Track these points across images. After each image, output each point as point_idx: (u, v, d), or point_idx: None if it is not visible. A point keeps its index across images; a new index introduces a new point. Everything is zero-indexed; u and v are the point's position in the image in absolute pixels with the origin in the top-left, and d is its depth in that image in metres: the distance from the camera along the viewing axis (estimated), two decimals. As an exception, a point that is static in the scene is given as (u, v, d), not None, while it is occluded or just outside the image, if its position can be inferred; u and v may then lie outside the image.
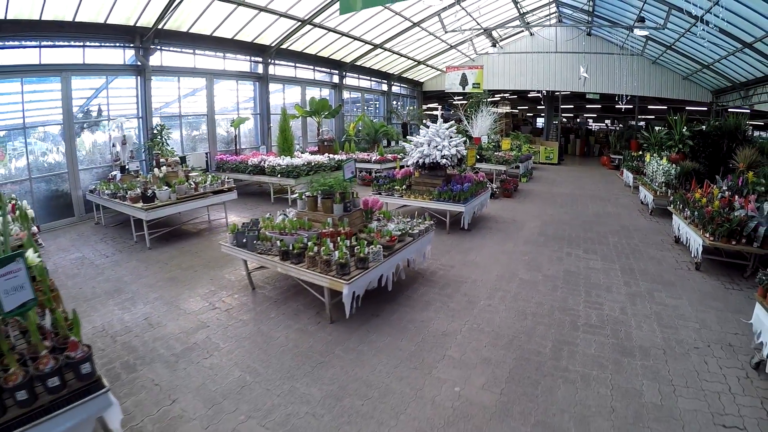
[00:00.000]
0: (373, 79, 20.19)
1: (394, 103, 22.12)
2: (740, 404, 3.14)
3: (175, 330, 4.22)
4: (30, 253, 2.56)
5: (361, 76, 19.21)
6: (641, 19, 12.83)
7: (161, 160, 8.53)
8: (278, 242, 4.24)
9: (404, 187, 8.01)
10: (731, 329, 4.24)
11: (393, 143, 17.42)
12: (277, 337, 3.99)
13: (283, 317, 4.39)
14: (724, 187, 6.63)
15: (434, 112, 25.69)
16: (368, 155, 14.05)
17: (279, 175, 9.67)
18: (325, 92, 17.55)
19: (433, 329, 4.16)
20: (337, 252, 3.82)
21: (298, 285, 5.08)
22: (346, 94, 18.77)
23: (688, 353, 3.81)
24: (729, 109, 16.86)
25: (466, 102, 19.09)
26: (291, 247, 4.10)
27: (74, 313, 2.44)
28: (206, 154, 12.51)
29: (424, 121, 8.68)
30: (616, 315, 4.52)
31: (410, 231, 4.82)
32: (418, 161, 7.90)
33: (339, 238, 4.20)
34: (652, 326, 4.28)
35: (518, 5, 16.23)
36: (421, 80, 23.49)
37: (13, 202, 5.52)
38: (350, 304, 3.89)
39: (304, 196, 4.89)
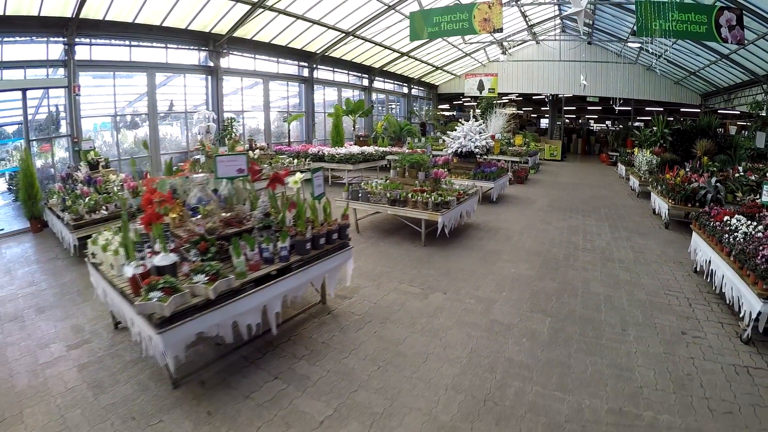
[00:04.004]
0: (396, 82, 22.45)
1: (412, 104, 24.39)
2: (682, 285, 5.36)
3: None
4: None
5: (386, 80, 21.48)
6: (634, 33, 15.12)
7: (254, 144, 10.85)
8: (387, 195, 6.56)
9: (445, 170, 10.34)
10: (684, 256, 6.38)
11: (415, 140, 19.72)
12: (392, 253, 6.32)
13: (389, 245, 6.71)
14: (688, 169, 8.97)
15: (446, 113, 28.02)
16: (399, 149, 16.34)
17: (338, 162, 11.96)
18: (356, 93, 19.84)
19: (489, 248, 6.55)
20: (431, 197, 6.17)
21: (391, 228, 7.42)
22: (373, 96, 21.04)
23: (650, 263, 6.14)
24: (718, 111, 19.02)
25: (476, 104, 21.25)
26: (399, 197, 6.43)
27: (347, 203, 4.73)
28: (267, 144, 14.81)
29: (460, 120, 10.99)
30: (603, 245, 6.90)
31: (468, 192, 7.19)
32: (456, 150, 10.24)
33: (426, 192, 6.53)
34: (627, 251, 6.64)
35: (526, 18, 18.42)
36: (437, 83, 25.76)
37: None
38: (440, 229, 6.24)
39: (397, 167, 7.25)
